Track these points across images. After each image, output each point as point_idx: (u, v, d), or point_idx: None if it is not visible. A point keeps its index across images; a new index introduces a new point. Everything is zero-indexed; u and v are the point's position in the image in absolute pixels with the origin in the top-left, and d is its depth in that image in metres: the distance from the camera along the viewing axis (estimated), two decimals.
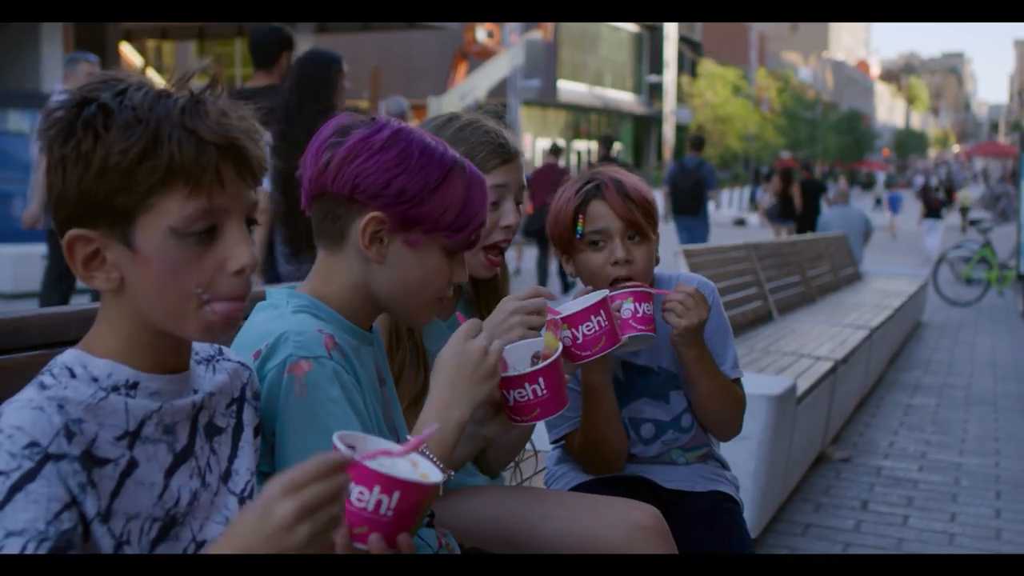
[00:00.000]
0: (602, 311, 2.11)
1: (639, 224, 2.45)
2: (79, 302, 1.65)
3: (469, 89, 29.92)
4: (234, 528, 1.26)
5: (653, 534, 2.13)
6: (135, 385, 1.40)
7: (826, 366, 5.59)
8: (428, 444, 1.59)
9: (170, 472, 1.43)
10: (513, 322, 1.96)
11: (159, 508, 1.40)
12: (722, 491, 2.61)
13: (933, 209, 23.21)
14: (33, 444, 1.25)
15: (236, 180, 1.37)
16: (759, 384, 4.36)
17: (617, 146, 14.86)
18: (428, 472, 1.40)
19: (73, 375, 1.36)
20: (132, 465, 1.37)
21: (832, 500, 5.23)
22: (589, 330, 2.10)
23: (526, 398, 1.76)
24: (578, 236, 2.46)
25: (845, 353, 6.13)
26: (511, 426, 1.84)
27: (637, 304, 2.28)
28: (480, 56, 33.69)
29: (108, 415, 1.36)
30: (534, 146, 40.32)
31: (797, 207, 16.52)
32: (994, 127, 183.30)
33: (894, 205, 33.78)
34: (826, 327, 7.23)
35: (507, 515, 2.19)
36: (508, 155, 2.31)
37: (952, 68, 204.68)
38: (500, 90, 31.40)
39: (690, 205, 12.34)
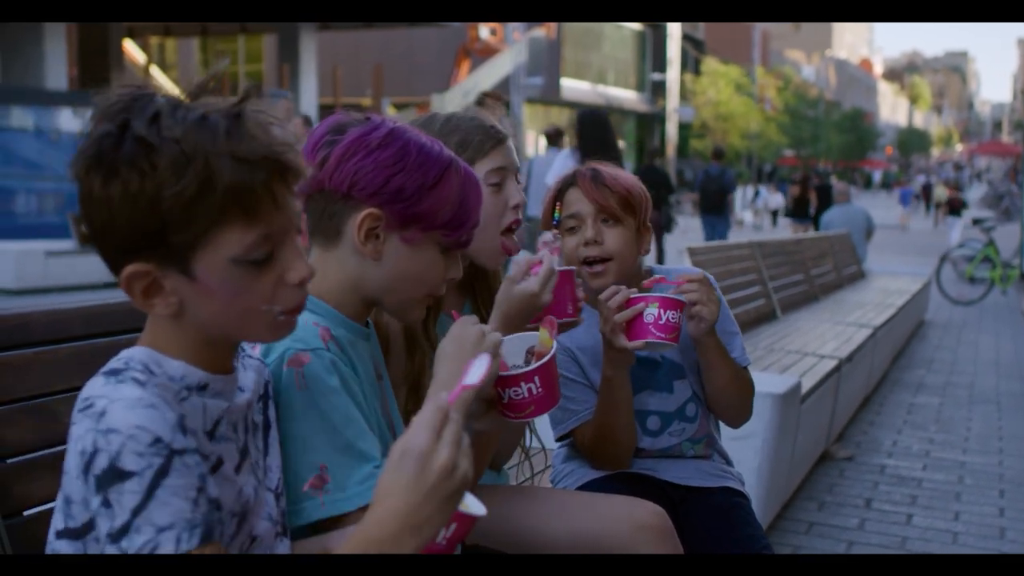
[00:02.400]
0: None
1: (610, 207, 2.50)
2: (82, 298, 1.63)
3: (472, 86, 29.91)
4: (384, 505, 1.25)
5: (657, 533, 2.13)
6: (205, 387, 1.41)
7: (830, 364, 5.58)
8: None
9: (238, 469, 1.45)
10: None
11: (237, 504, 1.42)
12: (731, 487, 2.62)
13: (954, 208, 26.63)
14: (158, 440, 1.24)
15: (287, 196, 1.37)
16: (763, 382, 4.34)
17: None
18: (469, 504, 1.38)
19: (152, 373, 1.35)
20: (219, 462, 1.39)
21: (836, 498, 5.22)
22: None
23: (521, 396, 1.75)
24: (554, 222, 2.52)
25: (849, 352, 6.12)
26: (503, 422, 1.84)
27: (661, 310, 2.29)
28: (483, 54, 33.69)
29: (193, 414, 1.37)
30: (537, 144, 40.30)
31: (813, 208, 18.50)
32: (997, 126, 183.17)
33: (904, 199, 38.65)
34: (830, 325, 7.22)
35: (510, 514, 2.18)
36: (500, 136, 2.32)
37: (955, 67, 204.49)
38: (503, 88, 31.34)
39: (715, 205, 14.60)
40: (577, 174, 2.55)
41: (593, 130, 8.10)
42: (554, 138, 12.31)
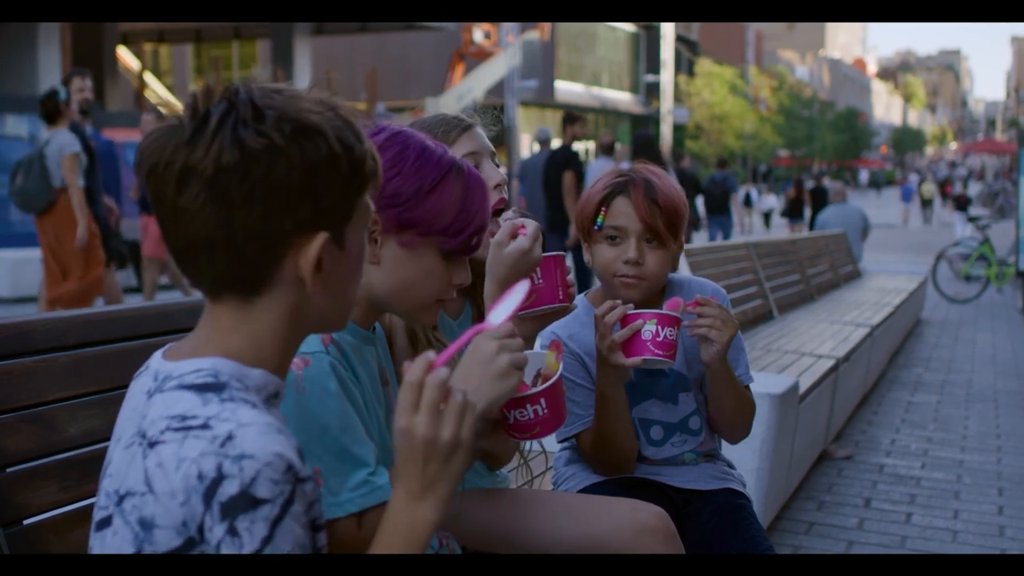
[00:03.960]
0: (538, 268, 2.10)
1: (658, 230, 2.45)
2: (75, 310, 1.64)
3: (466, 90, 29.95)
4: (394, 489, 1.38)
5: (659, 535, 2.12)
6: (278, 394, 1.39)
7: (828, 364, 5.59)
8: None
9: None
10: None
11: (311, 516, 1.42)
12: (733, 488, 2.62)
13: (961, 204, 28.46)
14: (291, 467, 1.23)
15: None
16: (761, 383, 4.34)
17: (618, 147, 15.80)
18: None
19: (247, 388, 1.32)
20: (310, 478, 1.37)
21: (835, 498, 5.22)
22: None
23: (527, 417, 1.75)
24: (596, 227, 2.47)
25: (846, 351, 6.12)
26: (508, 441, 1.83)
27: (659, 327, 2.26)
28: (477, 57, 33.71)
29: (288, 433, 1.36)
30: (531, 146, 40.32)
31: (808, 209, 20.02)
32: (991, 124, 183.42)
33: (906, 196, 41.11)
34: (827, 325, 7.22)
35: (510, 517, 2.18)
36: (464, 124, 2.32)
37: (949, 65, 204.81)
38: (497, 91, 31.39)
39: (720, 207, 16.68)
40: (630, 184, 2.47)
41: (646, 148, 11.38)
42: (607, 149, 13.81)
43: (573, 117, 11.78)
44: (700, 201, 17.01)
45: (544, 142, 13.25)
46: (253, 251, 1.30)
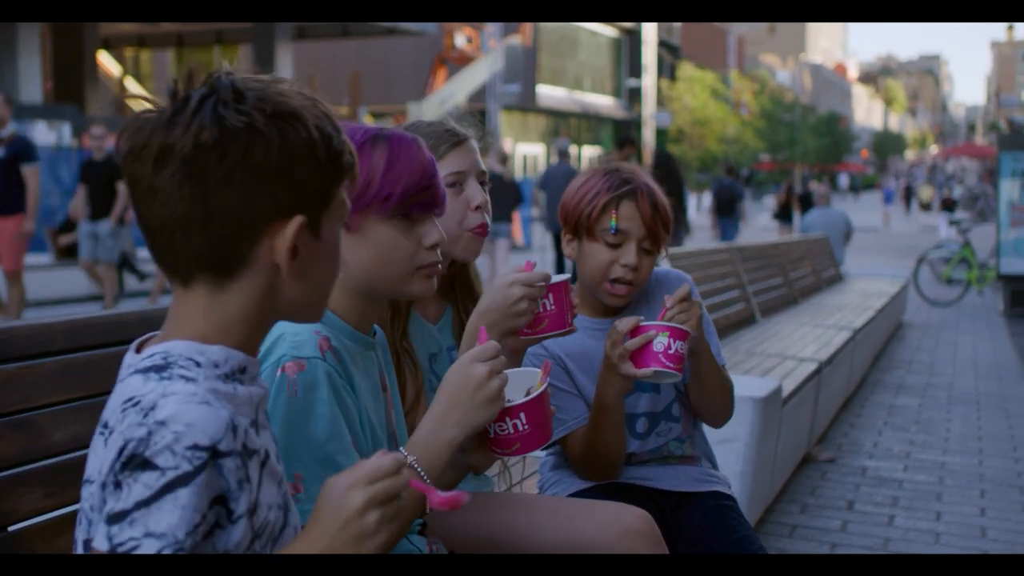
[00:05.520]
0: (551, 294, 2.12)
1: (659, 236, 2.50)
2: (63, 312, 1.63)
3: (449, 95, 29.96)
4: (316, 522, 1.32)
5: (644, 537, 2.13)
6: (244, 370, 1.37)
7: (811, 367, 5.60)
8: (419, 464, 1.61)
9: (277, 458, 1.42)
10: (518, 300, 2.04)
11: (280, 496, 1.39)
12: (719, 490, 2.63)
13: (947, 206, 31.43)
14: (198, 447, 1.21)
15: None
16: (745, 386, 4.36)
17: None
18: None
19: (197, 364, 1.31)
20: (267, 455, 1.36)
21: (818, 501, 5.24)
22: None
23: (506, 432, 1.75)
24: (612, 231, 2.47)
25: (829, 354, 6.14)
26: (493, 457, 1.83)
27: (671, 340, 2.28)
28: (459, 61, 33.73)
29: (242, 404, 1.34)
30: (515, 151, 40.34)
31: (796, 213, 21.42)
32: (971, 128, 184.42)
33: (888, 198, 44.99)
34: (809, 328, 7.24)
35: (497, 522, 2.18)
36: (457, 138, 2.31)
37: (929, 70, 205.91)
38: (480, 95, 31.42)
39: (729, 210, 18.09)
40: (638, 192, 2.50)
41: (667, 163, 13.15)
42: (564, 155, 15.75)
43: (627, 140, 13.33)
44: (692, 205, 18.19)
45: (563, 154, 15.18)
46: (229, 231, 1.30)
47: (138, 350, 1.37)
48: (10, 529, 1.67)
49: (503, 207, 14.17)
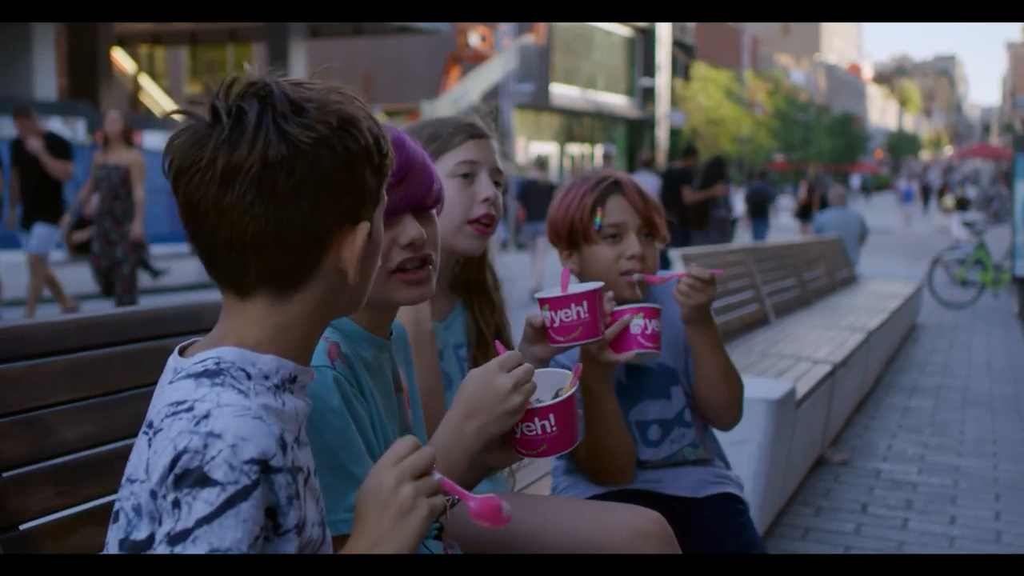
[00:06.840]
0: (585, 302, 2.15)
1: (654, 222, 2.54)
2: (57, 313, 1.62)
3: (462, 93, 29.97)
4: (361, 520, 1.36)
5: (657, 540, 2.11)
6: (294, 379, 1.37)
7: (824, 369, 5.58)
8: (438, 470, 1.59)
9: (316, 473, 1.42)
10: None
11: (318, 512, 1.38)
12: (730, 492, 2.61)
13: (961, 205, 32.46)
14: (254, 461, 1.20)
15: None
16: (759, 387, 4.34)
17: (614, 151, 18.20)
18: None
19: (248, 376, 1.31)
20: (309, 472, 1.35)
21: (832, 503, 5.22)
22: (567, 317, 2.14)
23: (534, 432, 1.74)
24: (596, 228, 2.50)
25: (843, 356, 6.12)
26: (516, 457, 1.82)
27: (647, 320, 2.32)
28: (473, 60, 33.74)
29: (289, 420, 1.34)
30: (528, 150, 40.33)
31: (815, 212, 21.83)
32: (986, 129, 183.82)
33: (907, 196, 46.76)
34: (823, 330, 7.22)
35: (511, 524, 2.17)
36: (476, 132, 2.33)
37: (944, 70, 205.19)
38: (493, 94, 31.40)
39: (761, 211, 19.61)
40: (622, 183, 2.56)
41: (720, 168, 13.80)
42: (648, 163, 17.85)
43: (691, 150, 14.59)
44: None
45: (608, 157, 16.80)
46: (302, 245, 1.31)
47: (181, 353, 1.36)
48: (21, 528, 1.67)
49: (541, 208, 14.50)
